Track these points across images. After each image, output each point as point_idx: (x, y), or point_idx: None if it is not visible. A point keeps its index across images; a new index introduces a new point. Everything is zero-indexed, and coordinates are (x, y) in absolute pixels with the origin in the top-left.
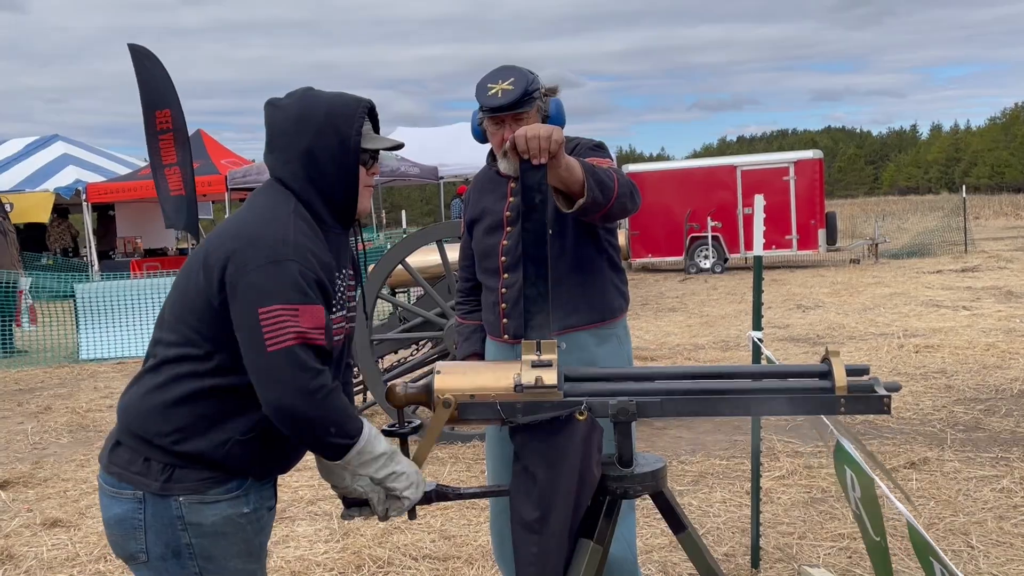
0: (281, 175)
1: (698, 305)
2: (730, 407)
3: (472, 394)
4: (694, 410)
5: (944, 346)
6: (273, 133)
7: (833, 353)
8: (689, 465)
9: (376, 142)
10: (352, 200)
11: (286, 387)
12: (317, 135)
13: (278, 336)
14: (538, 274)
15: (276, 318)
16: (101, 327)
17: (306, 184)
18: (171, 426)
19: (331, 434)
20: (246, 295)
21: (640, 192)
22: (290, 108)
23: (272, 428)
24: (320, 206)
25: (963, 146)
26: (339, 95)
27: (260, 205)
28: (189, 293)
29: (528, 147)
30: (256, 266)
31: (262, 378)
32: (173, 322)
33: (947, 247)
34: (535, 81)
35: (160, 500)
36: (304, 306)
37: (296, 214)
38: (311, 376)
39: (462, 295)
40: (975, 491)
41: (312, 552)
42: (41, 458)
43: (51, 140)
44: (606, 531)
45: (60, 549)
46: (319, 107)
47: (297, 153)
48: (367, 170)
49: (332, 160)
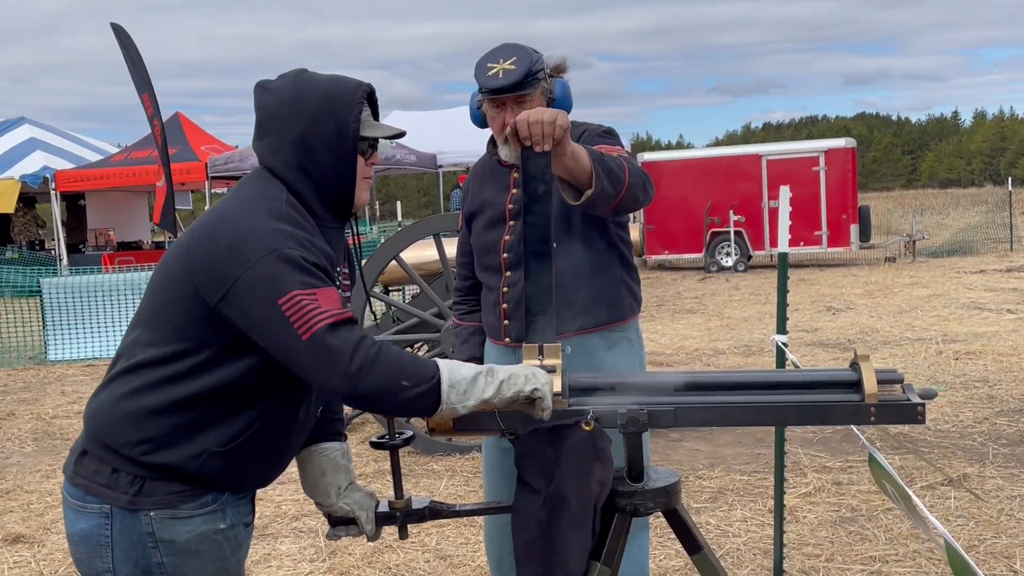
0: (271, 164)
1: (719, 306)
2: (750, 416)
3: None
4: (710, 420)
5: (987, 352)
6: (263, 118)
7: (863, 357)
8: (707, 480)
9: (376, 130)
10: (349, 192)
11: (334, 372)
12: (312, 121)
13: (307, 322)
14: (541, 271)
15: (298, 304)
16: (70, 326)
17: (298, 174)
18: (142, 435)
19: (407, 389)
20: (257, 290)
21: (655, 183)
22: (283, 91)
23: (252, 439)
24: (313, 198)
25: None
26: (337, 78)
27: (247, 195)
28: (169, 290)
29: (530, 132)
30: (258, 259)
31: (306, 369)
32: (152, 320)
33: (991, 245)
34: (539, 61)
35: (129, 515)
36: (320, 289)
37: (288, 204)
38: (349, 354)
39: (460, 294)
40: (1019, 511)
41: (296, 572)
42: (3, 468)
43: (17, 123)
44: (615, 551)
45: (23, 567)
46: (315, 90)
47: (290, 140)
48: (366, 160)
49: (328, 149)
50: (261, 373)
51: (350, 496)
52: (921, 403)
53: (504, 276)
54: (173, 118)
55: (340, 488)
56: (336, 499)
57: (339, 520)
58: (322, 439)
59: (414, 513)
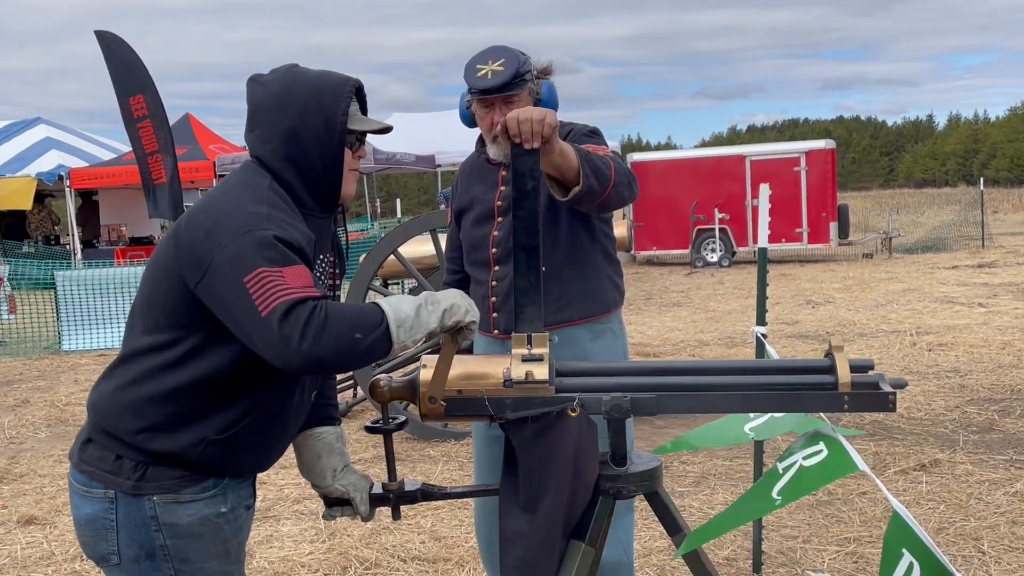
0: (260, 154)
1: (704, 300)
2: (728, 403)
3: (460, 389)
4: (691, 406)
5: (958, 344)
6: (255, 110)
7: (837, 348)
8: (691, 466)
9: (363, 124)
10: (335, 183)
11: (287, 348)
12: (301, 113)
13: (268, 298)
14: (529, 265)
15: (261, 281)
16: (83, 317)
17: (286, 165)
18: (140, 424)
19: (361, 340)
20: (226, 270)
21: (643, 183)
22: (273, 85)
23: (249, 426)
24: (300, 188)
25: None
26: (326, 73)
27: (232, 183)
28: (159, 279)
29: (520, 130)
30: (230, 240)
31: (263, 347)
32: (145, 309)
33: (964, 242)
34: (527, 62)
35: (133, 500)
36: (287, 268)
37: (271, 190)
38: (300, 330)
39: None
40: (987, 495)
41: (297, 553)
42: (17, 453)
43: (33, 123)
44: (598, 532)
45: (35, 548)
46: (304, 84)
47: (279, 132)
48: (353, 153)
49: (316, 140)
50: (251, 359)
51: (345, 478)
52: (892, 391)
53: (493, 270)
54: (183, 119)
55: (335, 471)
56: (332, 481)
57: (334, 501)
58: (317, 424)
59: (407, 495)
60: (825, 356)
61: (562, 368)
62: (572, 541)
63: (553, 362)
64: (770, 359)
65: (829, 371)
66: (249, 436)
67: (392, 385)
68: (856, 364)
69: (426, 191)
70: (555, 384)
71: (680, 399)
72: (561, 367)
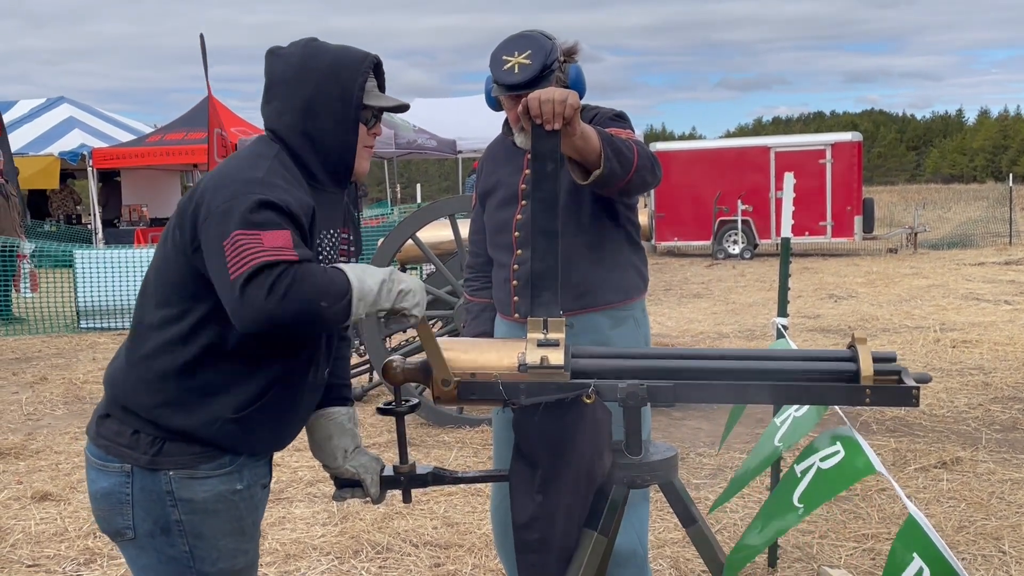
0: (275, 126)
1: (724, 292)
2: (746, 395)
3: (474, 372)
4: (708, 396)
5: (983, 341)
6: (272, 82)
7: (860, 340)
8: (707, 458)
9: (380, 100)
10: (349, 158)
11: (242, 309)
12: (318, 86)
13: (239, 261)
14: (548, 248)
15: (236, 244)
16: (101, 296)
17: (301, 138)
18: (156, 399)
19: (326, 308)
20: (212, 233)
21: (666, 172)
22: (292, 57)
23: (264, 405)
24: (313, 161)
25: (1011, 133)
26: (345, 48)
27: (240, 155)
28: (168, 251)
29: (541, 111)
30: (219, 203)
31: (228, 308)
32: (156, 281)
33: (991, 238)
34: (554, 51)
35: (149, 474)
36: (268, 231)
37: (277, 159)
38: (267, 291)
39: (472, 271)
40: (1009, 494)
41: (309, 535)
42: (34, 429)
43: (57, 102)
44: (611, 522)
45: (49, 523)
46: (323, 58)
47: (295, 104)
48: (368, 129)
49: (331, 114)
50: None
51: (356, 459)
52: (916, 386)
53: (515, 254)
54: (205, 101)
55: (347, 451)
56: (343, 462)
57: (345, 482)
58: (329, 404)
59: (417, 478)
60: (847, 348)
61: (578, 351)
62: (585, 530)
63: (569, 347)
64: (790, 350)
65: (851, 360)
66: (264, 415)
67: (405, 367)
68: (879, 356)
69: (447, 177)
70: (570, 369)
71: (697, 389)
72: (577, 350)
